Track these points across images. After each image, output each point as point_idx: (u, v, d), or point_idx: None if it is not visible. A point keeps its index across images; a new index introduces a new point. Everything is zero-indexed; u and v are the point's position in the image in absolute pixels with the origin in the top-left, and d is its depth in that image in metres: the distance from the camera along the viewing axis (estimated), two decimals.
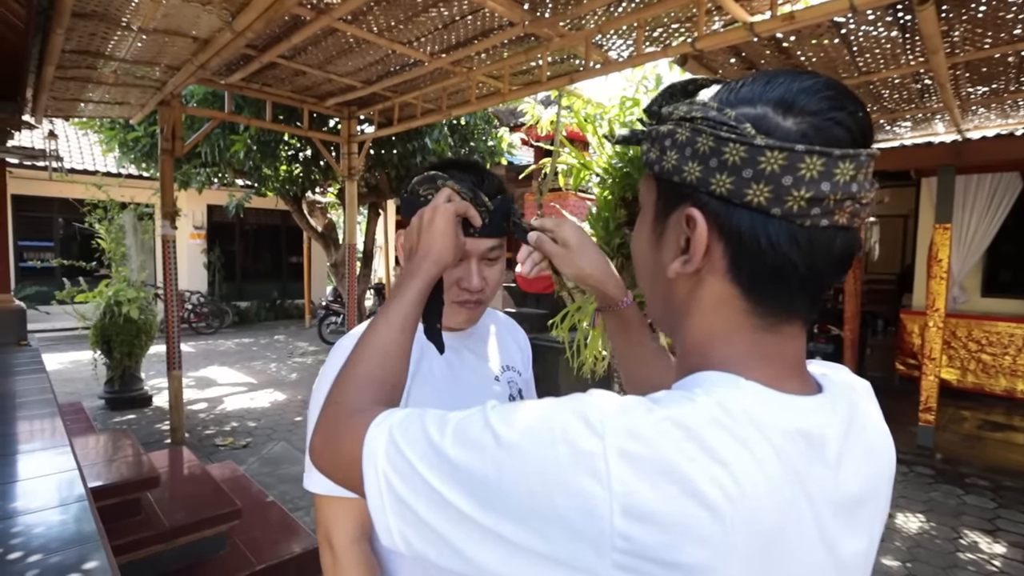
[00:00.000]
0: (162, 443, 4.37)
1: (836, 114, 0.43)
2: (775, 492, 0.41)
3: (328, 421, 0.57)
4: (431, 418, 0.49)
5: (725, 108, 0.45)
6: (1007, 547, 3.20)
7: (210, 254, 11.45)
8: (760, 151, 0.42)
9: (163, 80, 3.76)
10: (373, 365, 0.61)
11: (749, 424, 0.41)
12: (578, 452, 0.39)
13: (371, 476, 0.48)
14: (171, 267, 4.23)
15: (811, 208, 0.43)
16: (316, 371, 7.32)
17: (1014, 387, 5.56)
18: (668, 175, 0.48)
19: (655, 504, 0.38)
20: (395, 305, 0.67)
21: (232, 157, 5.88)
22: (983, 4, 2.37)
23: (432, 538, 0.44)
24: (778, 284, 0.45)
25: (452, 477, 0.43)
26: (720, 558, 0.38)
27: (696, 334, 0.50)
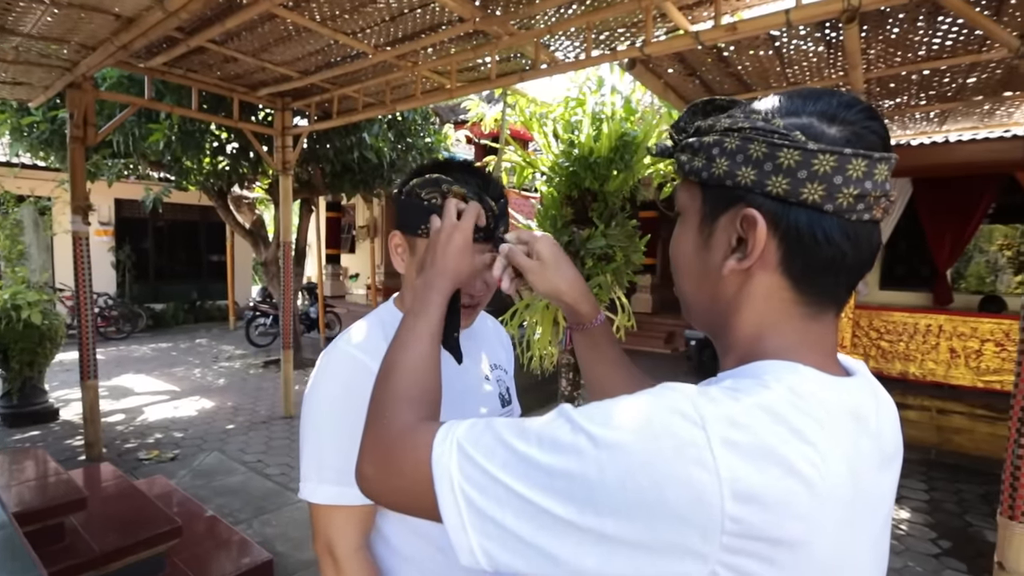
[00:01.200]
0: (76, 461, 3.97)
1: (871, 123, 0.49)
2: (848, 465, 0.45)
3: (378, 445, 0.55)
4: (504, 427, 0.48)
5: (772, 119, 0.50)
6: (911, 512, 3.58)
7: (119, 252, 10.51)
8: (813, 155, 0.47)
9: (74, 60, 3.41)
10: (412, 383, 0.60)
11: (819, 406, 0.46)
12: (683, 444, 0.41)
13: (446, 495, 0.47)
14: (84, 267, 3.85)
15: (857, 204, 0.48)
16: (245, 375, 6.94)
17: (907, 370, 6.20)
18: (719, 180, 0.52)
19: (760, 486, 0.40)
20: (422, 320, 0.66)
21: (149, 147, 5.42)
22: (897, 27, 2.63)
23: (521, 549, 0.44)
24: (827, 274, 0.50)
25: (546, 483, 0.43)
26: (814, 531, 0.42)
27: (748, 326, 0.53)
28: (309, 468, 0.82)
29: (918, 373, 6.07)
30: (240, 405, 5.62)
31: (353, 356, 0.84)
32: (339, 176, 6.66)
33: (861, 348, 6.40)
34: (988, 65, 3.05)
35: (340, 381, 0.83)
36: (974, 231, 6.31)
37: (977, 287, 7.92)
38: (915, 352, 6.12)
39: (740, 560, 0.41)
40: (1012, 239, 8.36)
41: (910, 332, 6.16)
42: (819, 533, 0.42)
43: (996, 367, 5.58)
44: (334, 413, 0.81)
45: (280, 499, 3.50)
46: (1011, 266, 8.30)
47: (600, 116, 3.93)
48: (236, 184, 6.89)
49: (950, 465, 4.38)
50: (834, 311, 0.53)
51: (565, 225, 3.92)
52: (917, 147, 4.73)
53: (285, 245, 5.25)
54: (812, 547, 0.42)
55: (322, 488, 0.80)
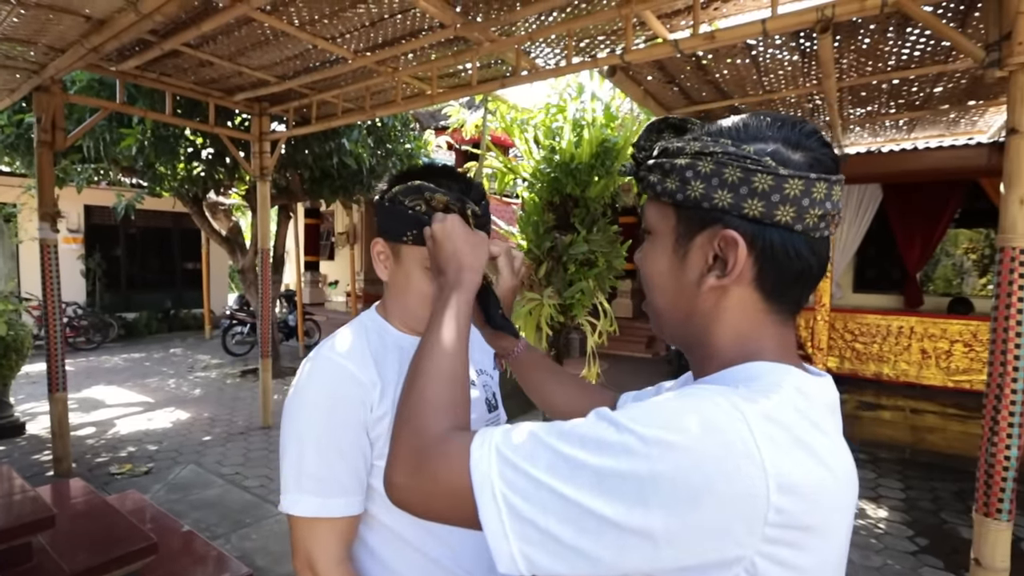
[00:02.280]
0: (44, 476, 3.83)
1: (826, 150, 0.55)
2: (847, 452, 0.52)
3: (411, 454, 0.54)
4: (544, 432, 0.49)
5: (741, 144, 0.53)
6: (888, 511, 3.65)
7: (89, 260, 10.21)
8: (785, 179, 0.52)
9: (42, 63, 3.31)
10: (441, 389, 0.60)
11: (818, 402, 0.51)
12: (731, 439, 0.44)
13: (487, 502, 0.47)
14: (52, 276, 3.73)
15: (820, 222, 0.53)
16: (223, 385, 6.79)
17: (880, 371, 6.35)
18: (695, 202, 0.55)
19: (799, 476, 0.44)
20: (447, 324, 0.65)
21: (120, 153, 5.28)
22: (868, 37, 2.71)
23: (564, 553, 0.45)
24: (796, 285, 0.56)
25: (594, 483, 0.44)
26: (837, 511, 0.47)
27: (727, 336, 0.57)
28: (289, 479, 0.79)
29: (892, 374, 6.23)
30: (217, 416, 5.49)
31: (337, 363, 0.82)
32: (318, 182, 6.58)
33: (837, 350, 6.54)
34: (954, 75, 3.16)
35: (324, 389, 0.81)
36: (942, 235, 6.51)
37: (945, 289, 8.18)
38: (888, 353, 6.27)
39: (776, 549, 0.43)
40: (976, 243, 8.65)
41: (883, 334, 6.32)
42: (840, 516, 0.48)
43: (965, 367, 5.74)
44: (317, 422, 0.79)
45: (259, 512, 3.42)
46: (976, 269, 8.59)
47: (581, 122, 3.96)
48: (212, 190, 6.75)
49: (924, 464, 4.48)
50: (795, 317, 0.59)
51: (547, 231, 3.93)
52: (887, 154, 4.87)
53: (263, 252, 5.16)
54: (834, 530, 0.47)
55: (303, 500, 0.78)
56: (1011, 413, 1.93)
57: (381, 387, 0.82)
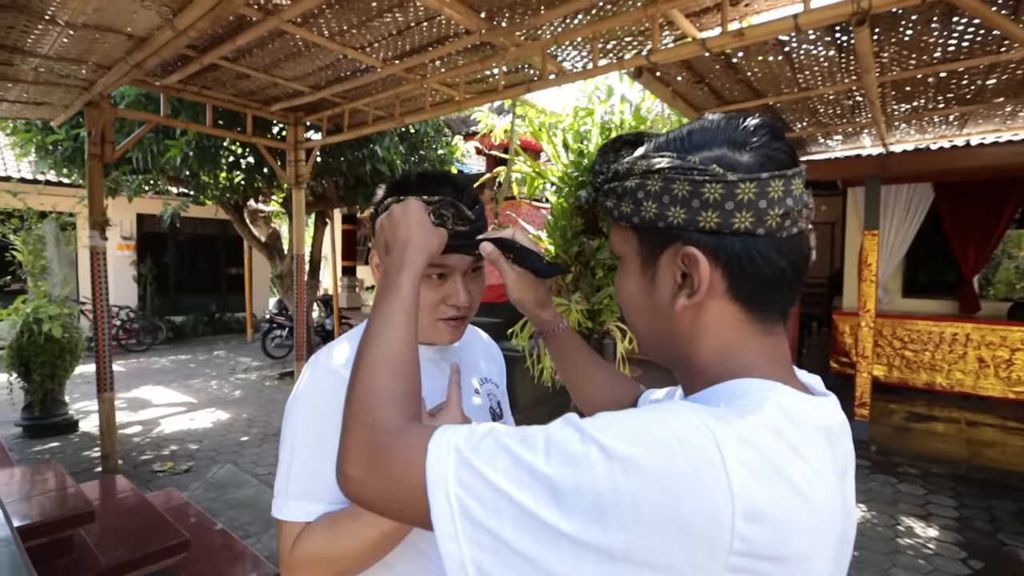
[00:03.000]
0: (92, 472, 4.02)
1: (777, 143, 0.51)
2: (833, 481, 0.47)
3: (366, 447, 0.53)
4: (507, 434, 0.47)
5: (686, 155, 0.51)
6: (939, 530, 3.44)
7: (141, 266, 10.73)
8: (735, 185, 0.49)
9: (91, 80, 3.50)
10: (393, 376, 0.58)
11: (805, 424, 0.47)
12: (699, 460, 0.41)
13: (440, 503, 0.45)
14: (101, 281, 3.92)
15: (784, 221, 0.50)
16: (261, 387, 7.00)
17: (933, 380, 6.02)
18: (651, 223, 0.53)
19: (769, 504, 0.41)
20: (396, 304, 0.64)
21: (167, 163, 5.53)
22: (910, 29, 2.57)
23: (517, 563, 0.43)
24: (774, 290, 0.53)
25: (552, 495, 0.42)
26: (813, 544, 0.44)
27: (710, 352, 0.54)
28: (280, 485, 0.80)
29: (945, 384, 5.89)
30: (255, 417, 5.66)
31: (333, 371, 0.82)
32: (352, 189, 6.73)
33: (884, 358, 6.23)
34: (1008, 66, 2.96)
35: (318, 397, 0.81)
36: (1001, 236, 6.12)
37: (1006, 293, 7.67)
38: (941, 362, 5.94)
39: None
40: None
41: (935, 341, 5.99)
42: (816, 547, 0.44)
43: None
44: (310, 430, 0.79)
45: None
46: None
47: (609, 126, 3.91)
48: (252, 198, 7.00)
49: (980, 480, 4.20)
50: (782, 322, 0.55)
51: (575, 235, 3.89)
52: (937, 151, 4.61)
53: (298, 258, 5.30)
54: (810, 561, 0.43)
55: (290, 504, 0.77)
56: None
57: None
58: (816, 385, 0.59)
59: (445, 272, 0.85)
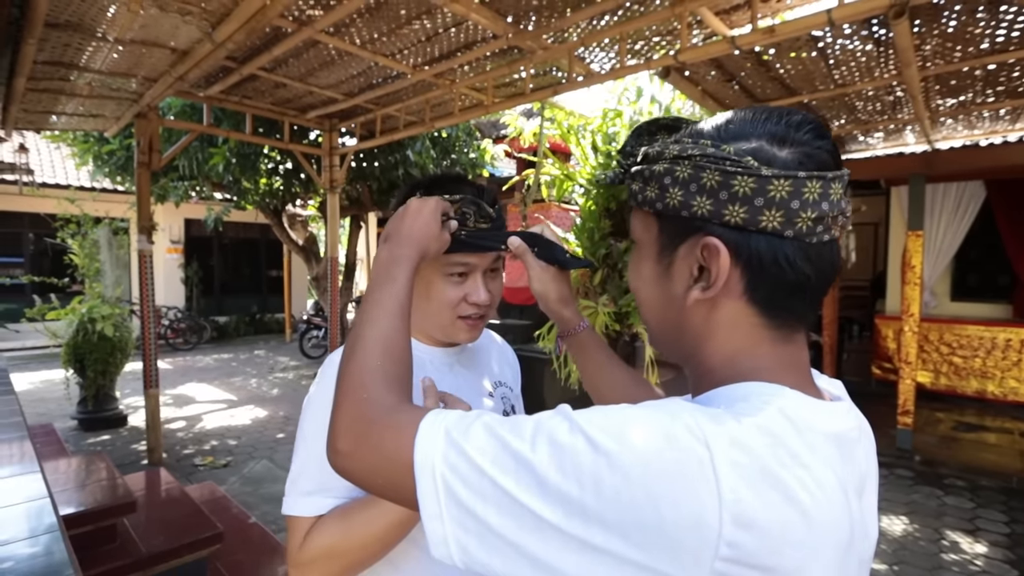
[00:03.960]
0: (139, 464, 4.23)
1: (821, 142, 0.48)
2: (837, 491, 0.44)
3: (357, 421, 0.54)
4: (497, 420, 0.47)
5: (721, 144, 0.48)
6: (988, 547, 3.26)
7: (188, 269, 11.22)
8: (768, 180, 0.46)
9: (140, 92, 3.69)
10: (386, 358, 0.59)
11: (809, 430, 0.45)
12: (687, 460, 0.40)
13: (427, 482, 0.46)
14: (148, 283, 4.12)
15: (816, 226, 0.47)
16: (297, 386, 7.20)
17: (984, 388, 5.71)
18: (674, 211, 0.51)
19: (760, 511, 0.39)
20: (389, 292, 0.65)
21: (211, 170, 5.78)
22: (953, 19, 2.46)
23: (500, 546, 0.43)
24: (794, 297, 0.50)
25: (536, 483, 0.42)
26: (809, 558, 0.41)
27: (720, 353, 0.52)
28: (291, 482, 0.82)
29: (997, 392, 5.57)
30: (291, 415, 5.83)
31: None
32: (386, 193, 6.87)
33: (931, 364, 5.95)
34: None
35: (329, 397, 0.83)
36: None
37: None
38: (993, 369, 5.63)
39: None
40: None
41: (987, 347, 5.68)
42: (815, 563, 0.41)
43: None
44: (321, 427, 0.82)
45: None
46: None
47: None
48: (290, 202, 7.23)
49: None
50: (803, 331, 0.53)
51: (603, 238, 3.87)
52: (987, 148, 4.38)
53: (332, 260, 5.44)
54: (805, 574, 0.41)
55: (300, 501, 0.79)
56: None
57: None
58: (834, 390, 0.57)
59: (466, 271, 0.86)
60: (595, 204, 4.05)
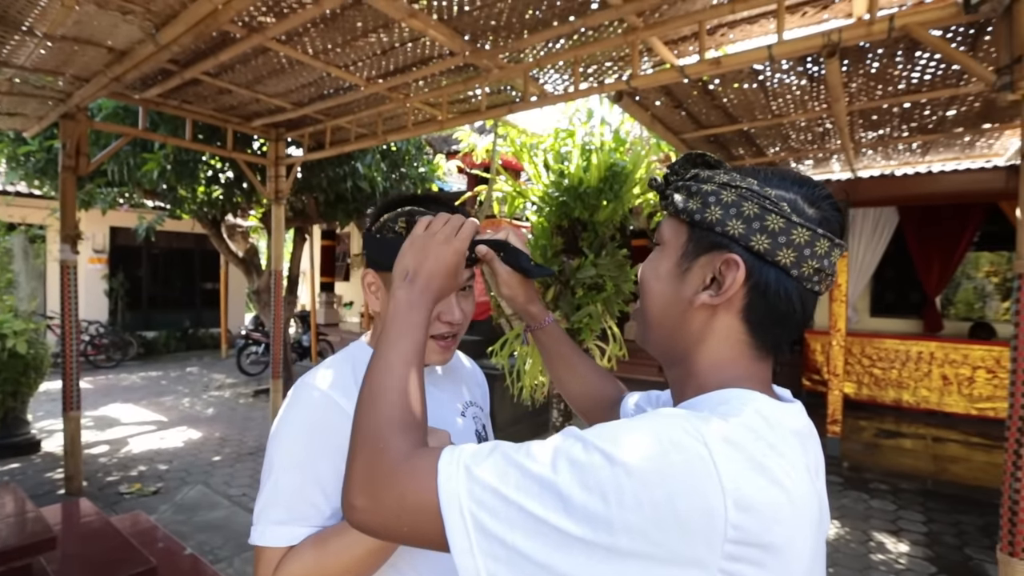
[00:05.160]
0: (55, 495, 3.87)
1: (836, 214, 0.60)
2: (806, 476, 0.52)
3: (372, 473, 0.54)
4: (512, 449, 0.51)
5: (765, 187, 0.59)
6: (910, 546, 3.51)
7: (112, 280, 10.45)
8: (794, 225, 0.57)
9: (68, 92, 3.45)
10: (402, 407, 0.59)
11: (779, 426, 0.52)
12: (691, 458, 0.45)
13: (455, 519, 0.48)
14: (71, 295, 3.82)
15: (814, 276, 0.58)
16: (235, 405, 6.83)
17: (900, 398, 6.18)
18: (709, 225, 0.59)
19: (754, 495, 0.46)
20: (407, 341, 0.64)
21: (143, 177, 5.44)
22: (877, 61, 2.70)
23: (530, 569, 0.46)
24: (778, 327, 0.59)
25: (561, 503, 0.45)
26: (796, 533, 0.48)
27: (707, 359, 0.60)
28: (260, 510, 0.78)
29: (912, 400, 6.05)
30: (228, 436, 5.52)
31: (321, 392, 0.82)
32: (333, 205, 6.70)
33: (854, 376, 6.38)
34: (966, 98, 3.12)
35: (303, 420, 0.80)
36: (961, 258, 6.38)
37: (966, 313, 7.95)
38: (908, 379, 6.10)
39: (737, 566, 0.45)
40: (998, 266, 8.44)
41: (902, 359, 6.16)
42: (798, 536, 0.48)
43: (989, 394, 5.56)
44: (295, 452, 0.79)
45: None
46: (998, 293, 8.36)
47: (589, 147, 3.99)
48: (230, 213, 6.90)
49: (948, 495, 4.31)
50: (774, 357, 0.62)
51: (555, 255, 3.93)
52: (902, 177, 4.81)
53: (276, 273, 5.23)
54: (794, 550, 0.47)
55: (270, 530, 0.76)
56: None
57: None
58: (784, 394, 0.65)
59: None
60: (547, 221, 4.11)
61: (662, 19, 2.62)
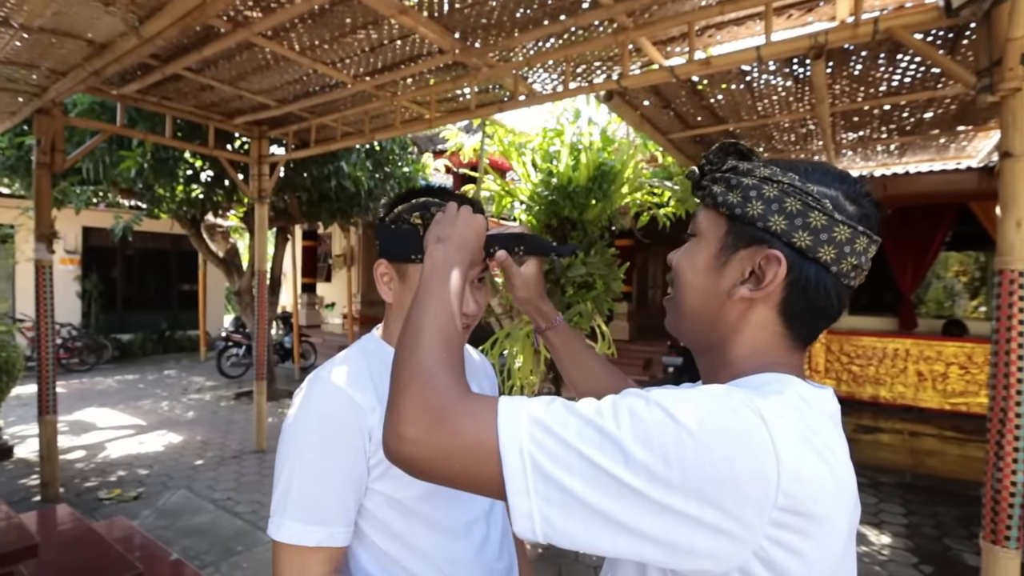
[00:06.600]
0: (30, 502, 3.74)
1: (876, 211, 0.60)
2: (844, 456, 0.54)
3: (430, 408, 0.52)
4: (573, 403, 0.52)
5: (807, 183, 0.59)
6: (891, 537, 3.59)
7: (85, 282, 10.16)
8: (836, 223, 0.57)
9: (43, 86, 3.34)
10: (450, 351, 0.59)
11: (818, 408, 0.54)
12: (750, 427, 0.47)
13: (514, 459, 0.48)
14: (46, 296, 3.70)
15: (852, 271, 0.59)
16: (216, 407, 6.70)
17: (877, 394, 6.31)
18: (750, 219, 0.60)
19: (804, 467, 0.48)
20: (447, 290, 0.65)
21: (120, 175, 5.30)
22: (860, 64, 2.76)
23: (584, 515, 0.47)
24: (814, 320, 0.61)
25: (621, 453, 0.46)
26: (837, 508, 0.50)
27: (743, 348, 0.62)
28: (277, 503, 0.77)
29: (889, 396, 6.19)
30: (210, 439, 5.41)
31: (335, 387, 0.81)
32: (316, 205, 6.61)
33: (834, 373, 6.50)
34: (943, 101, 3.22)
35: (318, 414, 0.79)
36: (934, 258, 6.56)
37: (937, 311, 8.20)
38: (885, 376, 6.24)
39: (781, 533, 0.47)
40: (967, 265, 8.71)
41: (879, 356, 6.30)
42: (839, 512, 0.50)
43: (961, 389, 5.72)
44: (310, 447, 0.77)
45: (250, 539, 3.34)
46: (967, 291, 8.63)
47: (578, 146, 4.00)
48: (210, 212, 6.77)
49: (925, 488, 4.43)
50: (806, 347, 0.64)
51: None
52: (880, 178, 4.93)
53: (260, 274, 5.14)
54: (834, 524, 0.49)
55: (287, 525, 0.75)
56: (1016, 437, 1.91)
57: (380, 412, 0.80)
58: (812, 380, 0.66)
59: None
60: (536, 220, 4.12)
61: (652, 19, 2.64)
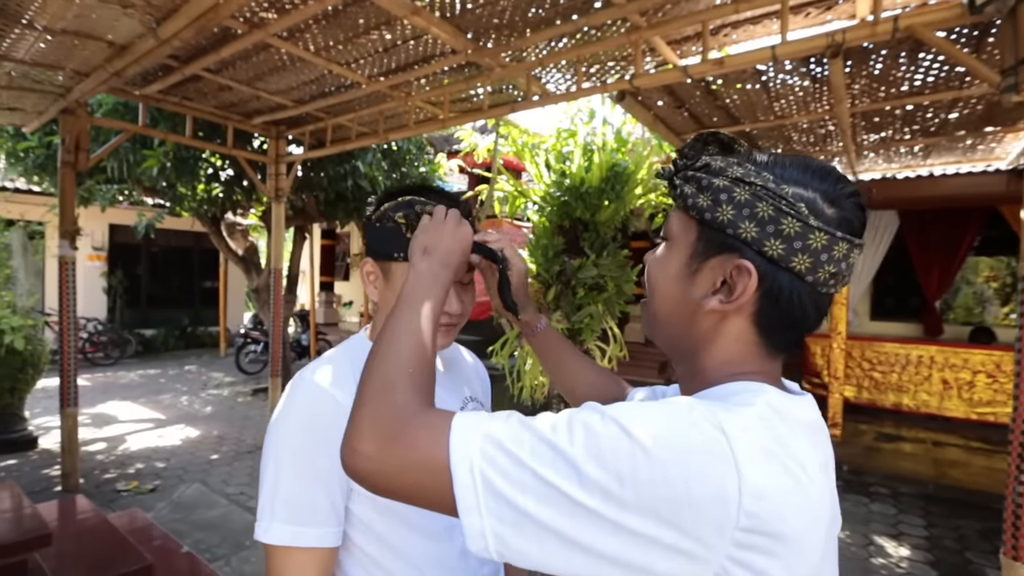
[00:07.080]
0: (52, 492, 3.85)
1: (859, 214, 0.56)
2: (817, 470, 0.50)
3: (384, 421, 0.52)
4: (529, 418, 0.50)
5: (782, 184, 0.54)
6: (911, 550, 3.49)
7: (111, 278, 10.42)
8: (812, 230, 0.53)
9: (68, 86, 3.43)
10: (418, 367, 0.58)
11: (791, 419, 0.52)
12: (710, 443, 0.45)
13: (464, 476, 0.47)
14: (69, 292, 3.80)
15: (830, 280, 0.55)
16: (233, 403, 6.81)
17: (900, 401, 6.16)
18: (720, 225, 0.56)
19: (768, 483, 0.45)
20: (428, 306, 0.64)
21: (143, 174, 5.42)
22: (880, 63, 2.69)
23: (537, 534, 0.45)
24: (790, 331, 0.58)
25: (574, 472, 0.44)
26: (807, 525, 0.47)
27: (717, 359, 0.59)
28: (264, 505, 0.77)
29: (912, 404, 6.04)
30: (226, 434, 5.50)
31: (319, 387, 0.80)
32: (333, 204, 6.68)
33: (854, 379, 6.37)
34: (969, 101, 3.12)
35: (302, 413, 0.79)
36: (961, 263, 6.37)
37: (966, 318, 7.95)
38: (908, 383, 6.09)
39: (747, 555, 0.44)
40: (998, 271, 8.44)
41: (902, 363, 6.14)
42: (811, 529, 0.48)
43: (989, 399, 5.55)
44: (293, 446, 0.77)
45: None
46: (998, 297, 8.36)
47: (591, 147, 3.97)
48: (230, 211, 6.89)
49: (948, 499, 4.30)
50: (784, 356, 0.60)
51: (556, 255, 3.91)
52: (903, 180, 4.80)
53: (276, 272, 5.21)
54: (806, 541, 0.47)
55: (275, 527, 0.75)
56: None
57: None
58: (794, 387, 0.64)
59: None
60: (548, 221, 4.10)
61: (665, 19, 2.61)
